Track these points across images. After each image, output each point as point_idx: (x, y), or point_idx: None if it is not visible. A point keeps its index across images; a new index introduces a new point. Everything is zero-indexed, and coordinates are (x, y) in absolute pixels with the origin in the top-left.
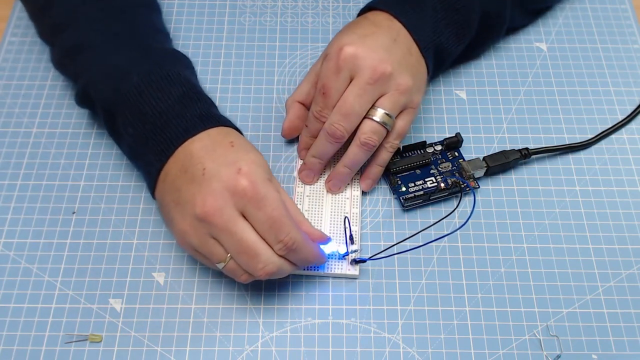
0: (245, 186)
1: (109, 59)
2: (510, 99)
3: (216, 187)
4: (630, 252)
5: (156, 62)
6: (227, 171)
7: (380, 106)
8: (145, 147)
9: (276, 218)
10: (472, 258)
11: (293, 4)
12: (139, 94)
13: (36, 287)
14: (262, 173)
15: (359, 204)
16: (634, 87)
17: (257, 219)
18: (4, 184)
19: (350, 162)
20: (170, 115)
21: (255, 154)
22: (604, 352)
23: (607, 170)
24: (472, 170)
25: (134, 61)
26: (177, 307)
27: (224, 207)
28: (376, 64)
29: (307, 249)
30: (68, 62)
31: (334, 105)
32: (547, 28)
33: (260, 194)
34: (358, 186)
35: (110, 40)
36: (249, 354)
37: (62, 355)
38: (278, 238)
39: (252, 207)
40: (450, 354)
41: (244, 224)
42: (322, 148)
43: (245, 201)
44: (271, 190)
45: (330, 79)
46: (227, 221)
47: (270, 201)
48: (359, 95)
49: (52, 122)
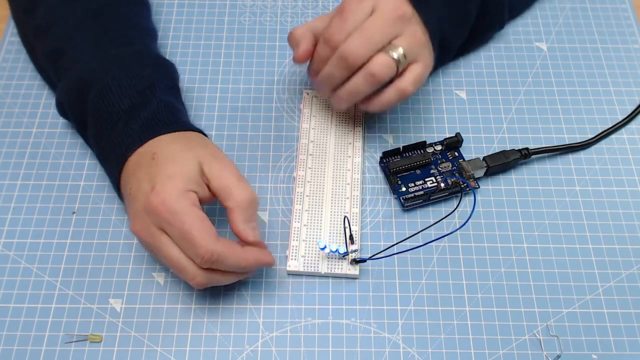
0: (156, 204)
1: (76, 70)
2: (510, 99)
3: (137, 207)
4: (630, 252)
5: (108, 71)
6: (143, 191)
7: (398, 44)
8: (106, 160)
9: (187, 231)
10: (472, 258)
11: (293, 4)
12: (95, 110)
13: (36, 287)
14: (176, 187)
15: (359, 204)
16: (634, 87)
17: (173, 235)
18: (4, 184)
19: (350, 92)
20: (117, 130)
21: (173, 165)
22: (604, 352)
23: (607, 170)
24: (472, 170)
25: (92, 73)
26: (177, 307)
27: (146, 227)
28: (399, 3)
29: (233, 258)
30: (48, 68)
31: (349, 31)
32: (547, 28)
33: (171, 210)
34: (358, 186)
35: (81, 46)
36: (249, 354)
37: (62, 355)
38: (195, 252)
39: (165, 223)
40: (450, 354)
41: (167, 241)
42: (331, 73)
43: (160, 219)
44: (183, 205)
45: (352, 4)
46: (152, 239)
47: (181, 216)
48: (381, 26)
49: (52, 122)
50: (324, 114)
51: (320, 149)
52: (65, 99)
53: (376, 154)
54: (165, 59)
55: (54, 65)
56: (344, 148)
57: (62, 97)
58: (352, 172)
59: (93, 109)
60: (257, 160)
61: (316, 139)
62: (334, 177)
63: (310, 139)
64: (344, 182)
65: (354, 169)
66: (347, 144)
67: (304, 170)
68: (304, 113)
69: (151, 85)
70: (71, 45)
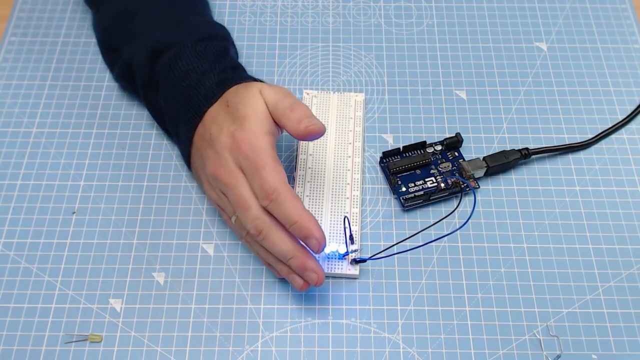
0: (240, 140)
1: (148, 32)
2: (510, 99)
3: (218, 148)
4: (630, 252)
5: (189, 35)
6: (226, 131)
7: None
8: (178, 117)
9: (260, 166)
10: (472, 258)
11: (293, 4)
12: (171, 68)
13: (36, 287)
14: (258, 125)
15: (359, 204)
16: (634, 87)
17: (247, 170)
18: (4, 184)
19: None
20: (194, 87)
21: (246, 107)
22: (604, 352)
23: (607, 170)
24: (472, 170)
25: (169, 36)
26: (177, 307)
27: (225, 165)
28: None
29: (290, 204)
30: (116, 30)
31: None
32: (547, 28)
33: (253, 146)
34: (358, 186)
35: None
36: (249, 354)
37: (62, 355)
38: (261, 187)
39: (243, 158)
40: (450, 354)
41: (242, 179)
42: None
43: (240, 154)
44: (263, 143)
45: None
46: (228, 177)
47: (259, 151)
48: None
49: (52, 122)
50: (324, 113)
51: (320, 149)
52: (135, 60)
53: (376, 154)
54: (228, 31)
55: (122, 27)
56: (343, 148)
57: (132, 59)
58: (352, 172)
59: (168, 67)
60: None
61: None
62: (334, 177)
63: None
64: (344, 182)
65: (354, 169)
66: (347, 144)
67: (303, 170)
68: None
69: (224, 50)
70: (142, 10)
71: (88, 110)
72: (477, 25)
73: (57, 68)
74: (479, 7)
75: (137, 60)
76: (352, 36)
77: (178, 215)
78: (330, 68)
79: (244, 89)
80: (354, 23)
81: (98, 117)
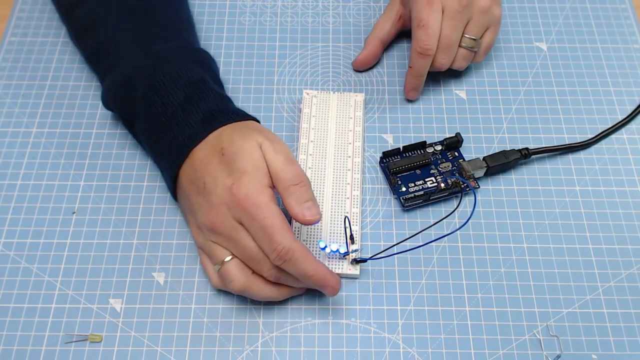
0: (239, 198)
1: (121, 68)
2: (510, 99)
3: (215, 201)
4: (630, 252)
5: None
6: (222, 185)
7: (467, 33)
8: (161, 154)
9: (268, 226)
10: (472, 258)
11: (293, 4)
12: (148, 105)
13: (36, 287)
14: (257, 181)
15: (359, 204)
16: (634, 87)
17: (251, 229)
18: (4, 184)
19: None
20: (175, 123)
21: (244, 159)
22: (604, 352)
23: (607, 170)
24: (472, 170)
25: (141, 70)
26: (177, 307)
27: (225, 220)
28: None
29: (304, 261)
30: (94, 64)
31: (436, 35)
32: (547, 28)
33: (255, 204)
34: (358, 186)
35: (122, 45)
36: (249, 354)
37: (62, 355)
38: (271, 247)
39: (245, 218)
40: (450, 354)
41: (245, 233)
42: (423, 71)
43: (240, 213)
44: (264, 200)
45: (427, 12)
46: (229, 231)
47: (263, 210)
48: (454, 26)
49: (52, 122)
50: (324, 114)
51: (320, 149)
52: (111, 98)
53: (376, 154)
54: (206, 52)
55: (100, 65)
56: (344, 148)
57: (109, 95)
58: (352, 172)
59: (145, 104)
60: None
61: (316, 139)
62: (334, 177)
63: (310, 139)
64: (344, 182)
65: (354, 168)
66: (347, 144)
67: (303, 169)
68: (304, 113)
69: (201, 77)
70: (113, 44)
71: (88, 110)
72: None
73: (57, 68)
74: None
75: (111, 96)
76: (352, 36)
77: (178, 215)
78: (330, 68)
79: (241, 139)
80: (354, 23)
81: (98, 117)
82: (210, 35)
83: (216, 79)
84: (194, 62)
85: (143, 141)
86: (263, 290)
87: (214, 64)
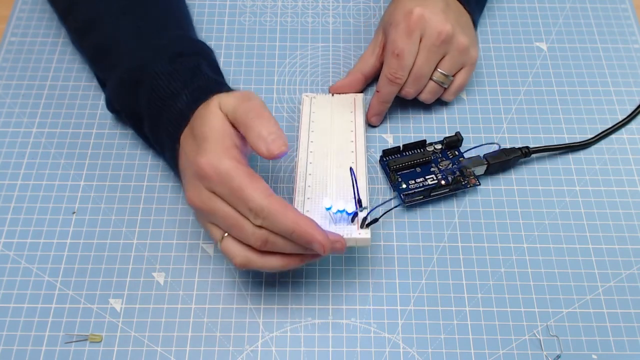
0: (203, 168)
1: (121, 67)
2: (510, 99)
3: (189, 178)
4: (630, 252)
5: (156, 62)
6: (190, 160)
7: (440, 68)
8: (162, 146)
9: (236, 188)
10: (472, 258)
11: (293, 4)
12: (146, 101)
13: (36, 287)
14: (216, 146)
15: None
16: (634, 87)
17: (224, 195)
18: (4, 184)
19: None
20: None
21: (204, 128)
22: (604, 352)
23: (607, 170)
24: (473, 168)
25: (140, 67)
26: (177, 307)
27: (199, 193)
28: (440, 25)
29: (283, 217)
30: (95, 64)
31: (409, 66)
32: (547, 28)
33: (219, 171)
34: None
35: (122, 43)
36: (249, 354)
37: (62, 355)
38: (246, 206)
39: (215, 185)
40: (450, 354)
41: (220, 202)
42: (389, 98)
43: (208, 182)
44: (228, 163)
45: (404, 42)
46: (206, 204)
47: (227, 172)
48: (428, 59)
49: (52, 122)
50: (324, 115)
51: (321, 149)
52: (115, 97)
53: (376, 154)
54: (202, 42)
55: (100, 64)
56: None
57: (112, 95)
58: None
59: (146, 102)
60: (257, 160)
61: (316, 140)
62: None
63: (310, 140)
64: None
65: (358, 160)
66: (349, 142)
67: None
68: (303, 114)
69: (196, 65)
70: (111, 44)
71: (88, 110)
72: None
73: (57, 68)
74: None
75: (114, 95)
76: (352, 36)
77: (178, 215)
78: (330, 68)
79: (204, 107)
80: (354, 23)
81: (98, 117)
82: (210, 35)
83: (214, 67)
84: (190, 52)
85: (152, 141)
86: (267, 262)
87: (211, 54)
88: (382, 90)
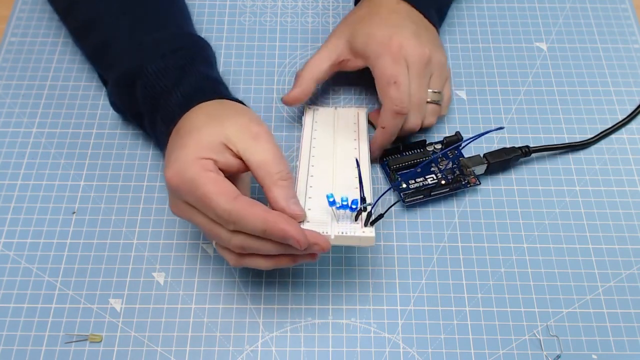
0: (170, 178)
1: (119, 65)
2: (510, 98)
3: (167, 188)
4: (630, 252)
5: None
6: (165, 171)
7: (431, 88)
8: (157, 143)
9: (202, 196)
10: (472, 258)
11: (293, 4)
12: (144, 99)
13: (36, 287)
14: (187, 155)
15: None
16: (634, 87)
17: (194, 204)
18: (4, 184)
19: None
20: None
21: (189, 136)
22: (604, 352)
23: (607, 170)
24: (473, 167)
25: (136, 64)
26: (177, 307)
27: (175, 204)
28: (419, 50)
29: (252, 217)
30: (96, 63)
31: (408, 92)
32: (547, 28)
33: (184, 180)
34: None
35: (120, 40)
36: (249, 354)
37: (62, 355)
38: (215, 214)
39: (184, 195)
40: (450, 354)
41: (194, 212)
42: (396, 131)
43: (178, 193)
44: (194, 171)
45: (396, 69)
46: (184, 214)
47: (193, 182)
48: (421, 85)
49: (52, 122)
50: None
51: (321, 149)
52: (116, 97)
53: None
54: (198, 37)
55: (100, 63)
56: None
57: (113, 94)
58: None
59: (142, 99)
60: None
61: (317, 137)
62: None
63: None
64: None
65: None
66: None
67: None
68: (305, 123)
69: (189, 60)
70: (110, 42)
71: (88, 110)
72: (477, 25)
73: (57, 68)
74: (479, 7)
75: (115, 94)
76: None
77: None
78: None
79: (206, 115)
80: None
81: (98, 117)
82: (210, 35)
83: (209, 62)
84: (185, 48)
85: (151, 136)
86: (256, 263)
87: (208, 48)
88: (389, 124)
